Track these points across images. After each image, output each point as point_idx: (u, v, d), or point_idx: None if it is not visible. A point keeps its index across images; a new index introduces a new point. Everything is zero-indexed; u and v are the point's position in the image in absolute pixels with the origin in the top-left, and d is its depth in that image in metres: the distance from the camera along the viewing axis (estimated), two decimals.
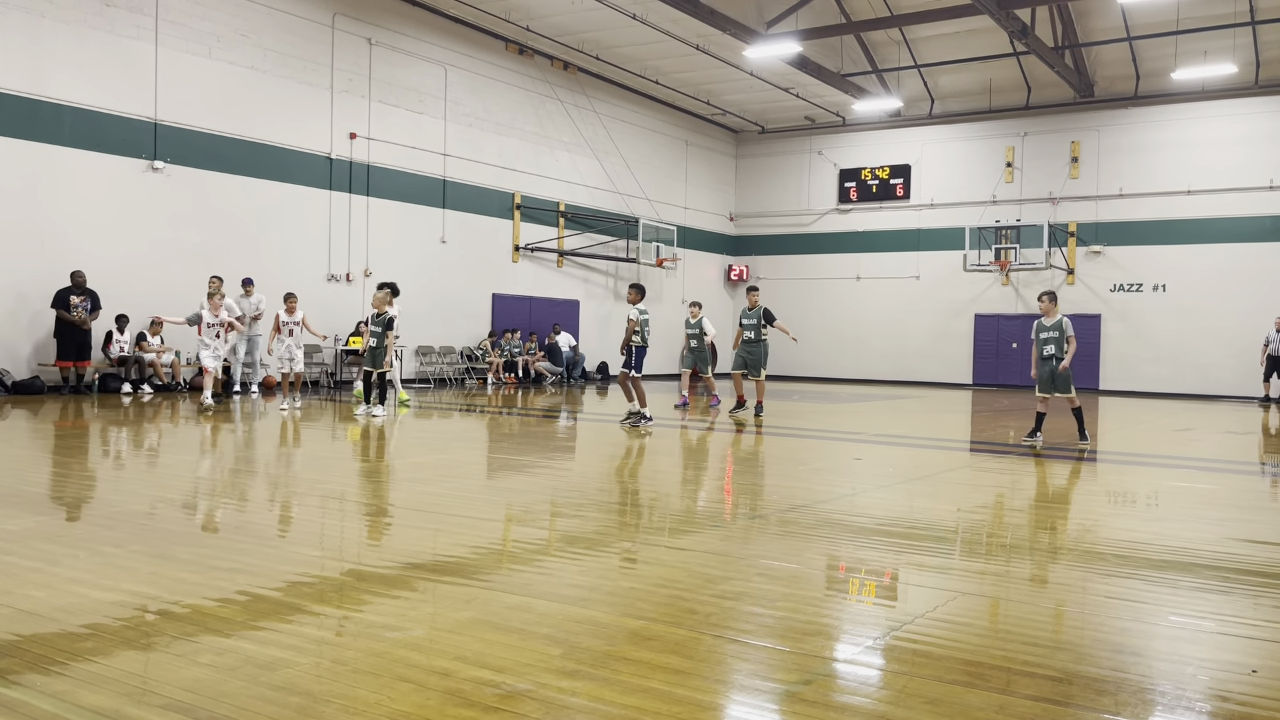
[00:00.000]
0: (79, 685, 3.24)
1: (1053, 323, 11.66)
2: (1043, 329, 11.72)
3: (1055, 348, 11.55)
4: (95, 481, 8.02)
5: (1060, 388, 11.61)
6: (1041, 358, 11.68)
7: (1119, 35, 24.63)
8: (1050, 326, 11.66)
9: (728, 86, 27.27)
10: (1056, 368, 11.49)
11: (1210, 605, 4.72)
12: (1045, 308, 11.78)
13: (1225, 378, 24.52)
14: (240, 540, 5.59)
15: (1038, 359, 11.73)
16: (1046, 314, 11.76)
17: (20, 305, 15.44)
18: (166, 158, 17.04)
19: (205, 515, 6.53)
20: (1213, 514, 7.45)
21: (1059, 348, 11.54)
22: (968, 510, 7.32)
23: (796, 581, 4.99)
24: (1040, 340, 11.71)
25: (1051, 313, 11.72)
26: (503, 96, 23.53)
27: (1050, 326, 11.66)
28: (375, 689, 3.25)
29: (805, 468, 9.93)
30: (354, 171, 20.24)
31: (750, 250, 32.09)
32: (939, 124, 28.75)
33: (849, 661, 3.78)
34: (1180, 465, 10.90)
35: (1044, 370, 11.66)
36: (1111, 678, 3.56)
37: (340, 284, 19.86)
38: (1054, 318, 11.68)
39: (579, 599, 4.50)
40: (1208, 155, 25.15)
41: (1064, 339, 11.54)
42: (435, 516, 6.67)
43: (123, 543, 5.37)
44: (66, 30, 15.69)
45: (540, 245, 24.77)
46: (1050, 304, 11.76)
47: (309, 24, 19.21)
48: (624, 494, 7.96)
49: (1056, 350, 11.54)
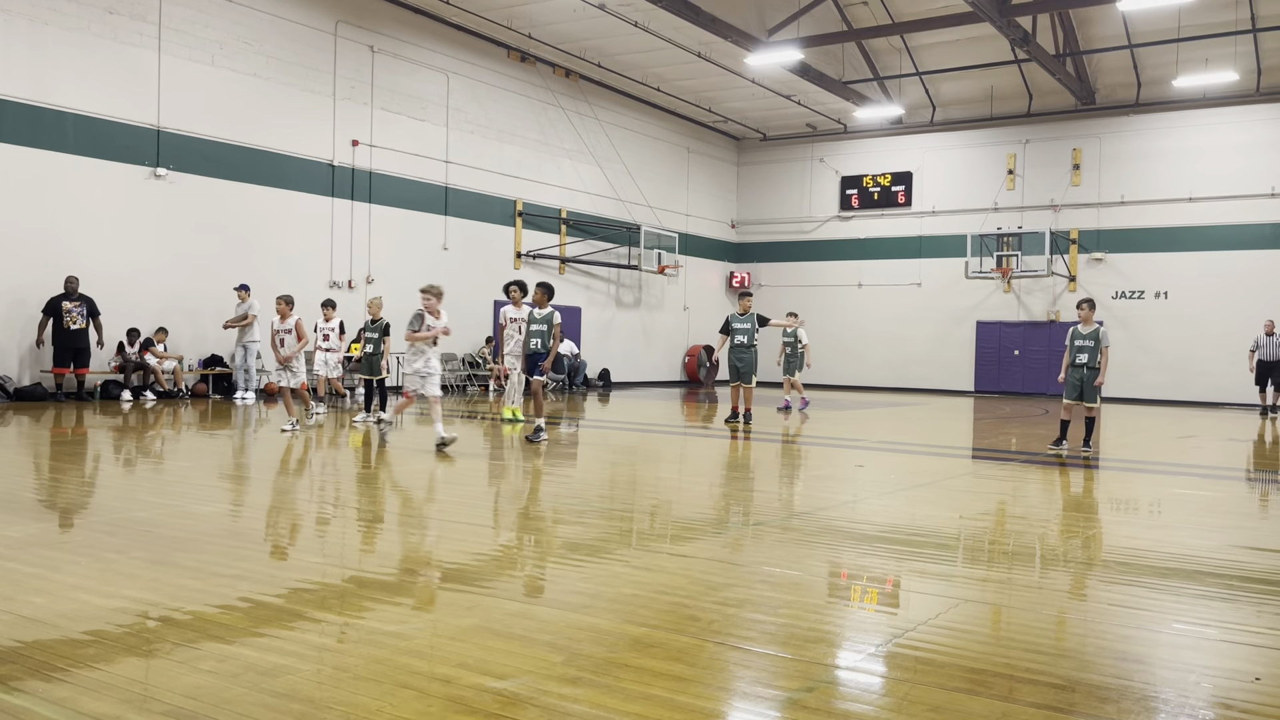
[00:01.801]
0: (81, 692, 3.24)
1: (1089, 331, 11.47)
2: (1078, 336, 11.53)
3: (1089, 357, 11.38)
4: (96, 488, 8.02)
5: (1087, 398, 11.45)
6: (1073, 365, 11.49)
7: (1120, 43, 24.67)
8: (1087, 335, 11.47)
9: (729, 94, 27.32)
10: (1088, 377, 11.34)
11: (1213, 612, 4.70)
12: (1084, 315, 11.58)
13: (1227, 385, 24.49)
14: (242, 547, 5.59)
15: (1069, 365, 11.55)
16: (1084, 322, 11.57)
17: (22, 311, 15.45)
18: (169, 165, 17.07)
19: (207, 522, 6.52)
20: (1215, 521, 7.44)
21: (1093, 357, 11.37)
22: (970, 517, 7.31)
23: (798, 588, 4.98)
24: (1074, 348, 11.52)
25: (1089, 321, 11.53)
26: (505, 104, 23.57)
27: (1087, 335, 11.47)
28: (377, 696, 3.25)
29: (807, 474, 9.92)
30: (356, 178, 20.27)
31: (752, 257, 32.11)
32: (940, 131, 28.79)
33: (851, 669, 3.77)
34: (1183, 472, 10.88)
35: (1074, 378, 11.49)
36: (1115, 685, 3.55)
37: (342, 291, 19.86)
38: (1091, 326, 11.50)
39: (580, 606, 4.49)
40: (1209, 162, 25.17)
41: (1099, 349, 11.37)
42: (436, 523, 6.66)
43: (124, 549, 5.37)
44: (70, 38, 15.73)
45: (542, 252, 24.79)
46: (1089, 311, 11.56)
47: (312, 31, 19.26)
48: (625, 500, 7.95)
49: (1090, 359, 11.37)
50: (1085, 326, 11.51)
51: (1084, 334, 11.48)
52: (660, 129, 28.83)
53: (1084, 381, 11.38)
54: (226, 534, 6.13)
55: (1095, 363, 11.33)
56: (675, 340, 30.19)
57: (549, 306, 12.00)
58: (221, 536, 5.95)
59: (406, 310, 20.15)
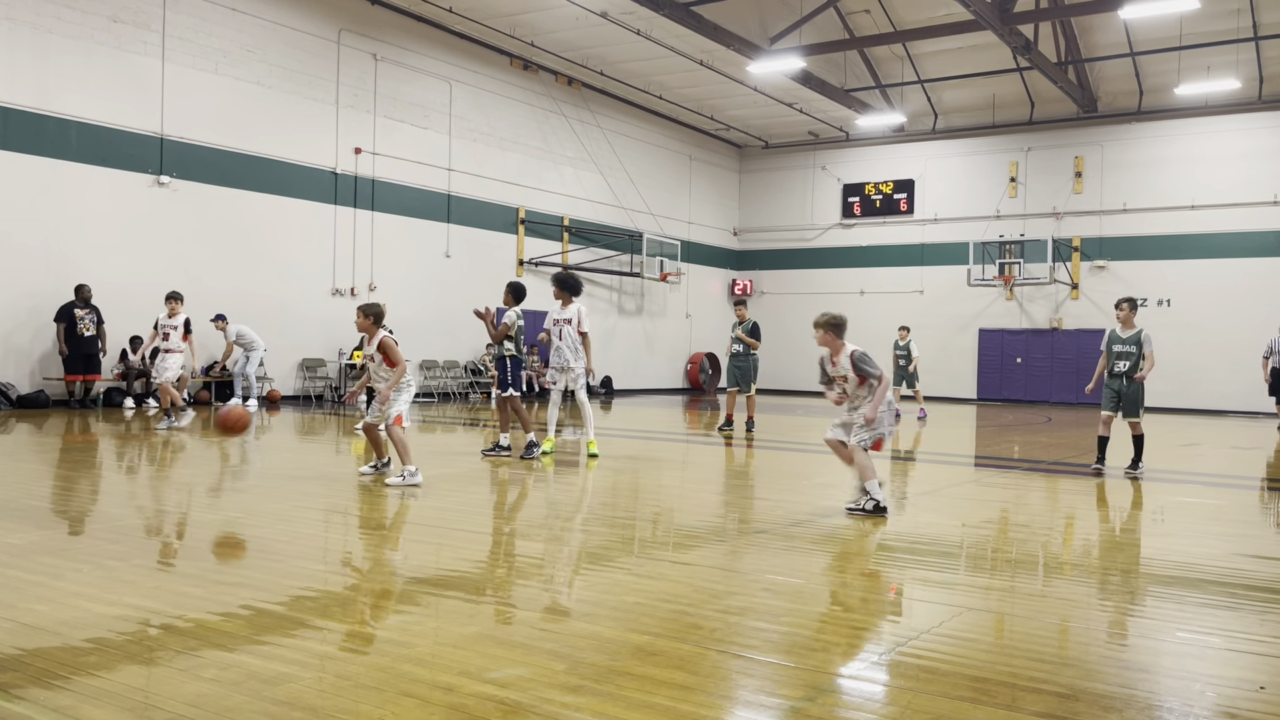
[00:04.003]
0: (82, 700, 3.23)
1: (1130, 335, 10.07)
2: (1117, 340, 10.15)
3: (1130, 364, 10.00)
4: (99, 495, 8.02)
5: (1128, 410, 10.04)
6: (1111, 374, 10.13)
7: (1122, 51, 24.70)
8: (1127, 339, 10.07)
9: (732, 102, 27.38)
10: (1129, 388, 9.99)
11: (1217, 621, 4.69)
12: (1124, 316, 10.15)
13: (1230, 393, 24.46)
14: (243, 554, 5.58)
15: (1104, 373, 10.21)
16: (1124, 324, 10.15)
17: (26, 319, 15.48)
18: (172, 172, 17.11)
19: (208, 529, 6.52)
20: (1219, 529, 7.42)
21: (1135, 364, 9.98)
22: (973, 525, 7.29)
23: (801, 597, 4.97)
24: (1113, 353, 10.12)
25: (1130, 323, 10.13)
26: (507, 112, 23.62)
27: (1127, 339, 10.07)
28: (379, 704, 3.24)
29: (808, 482, 9.91)
30: (359, 186, 20.30)
31: (754, 265, 32.13)
32: (942, 139, 28.82)
33: (854, 677, 3.76)
34: (1186, 480, 10.85)
35: (1112, 387, 10.13)
36: (1118, 694, 3.54)
37: (345, 298, 19.88)
38: (1132, 329, 10.10)
39: (583, 614, 4.49)
40: (1211, 170, 25.18)
41: (1141, 355, 9.98)
42: (439, 531, 6.65)
43: (126, 556, 5.37)
44: (74, 46, 15.78)
45: (544, 260, 24.81)
46: (1130, 312, 10.15)
47: (315, 40, 19.32)
48: (628, 508, 7.94)
49: (1131, 367, 9.98)
50: (1125, 329, 10.13)
51: (1123, 338, 10.10)
52: (662, 137, 28.88)
53: (1123, 392, 10.03)
54: (228, 541, 6.12)
55: (1137, 370, 9.98)
56: (677, 348, 30.19)
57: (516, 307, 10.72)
58: (223, 544, 5.94)
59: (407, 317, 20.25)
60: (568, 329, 10.74)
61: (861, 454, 7.40)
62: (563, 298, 10.83)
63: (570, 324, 10.74)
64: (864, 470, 7.40)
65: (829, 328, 7.47)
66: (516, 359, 10.82)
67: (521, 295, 10.79)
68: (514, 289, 10.80)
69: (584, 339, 10.76)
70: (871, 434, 7.43)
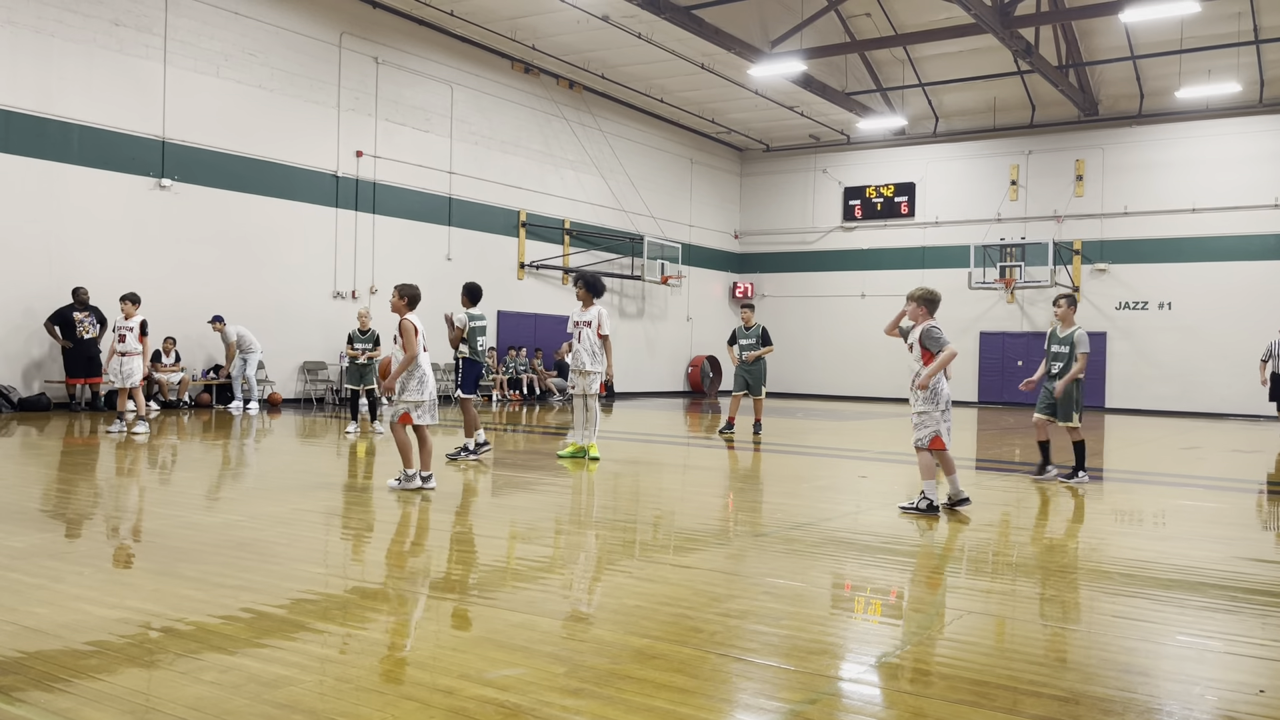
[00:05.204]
0: (83, 703, 3.24)
1: (1065, 334, 9.61)
2: (1054, 340, 9.69)
3: (1063, 365, 9.55)
4: (100, 498, 8.02)
5: (1061, 414, 9.59)
6: (1048, 375, 9.68)
7: (1123, 54, 24.71)
8: (1063, 339, 9.61)
9: (733, 105, 27.39)
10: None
11: (1218, 625, 4.69)
12: (1062, 314, 9.65)
13: (1231, 396, 24.44)
14: (244, 557, 5.58)
15: (1043, 375, 9.77)
16: (1063, 322, 9.67)
17: (28, 322, 15.49)
18: (174, 176, 17.13)
19: (209, 532, 6.52)
20: (1220, 533, 7.42)
21: (1067, 366, 9.51)
22: (973, 529, 7.29)
23: (801, 600, 4.97)
24: (1050, 353, 9.69)
25: (1068, 321, 9.66)
26: (508, 115, 23.64)
27: (1063, 339, 9.61)
28: (379, 707, 3.25)
29: (809, 485, 9.91)
30: (360, 189, 20.32)
31: (755, 268, 32.14)
32: (943, 142, 28.83)
33: (854, 680, 3.77)
34: (1187, 484, 10.85)
35: (1046, 389, 9.67)
36: (1119, 697, 3.54)
37: (346, 301, 19.90)
38: (1069, 328, 9.63)
39: (583, 617, 4.49)
40: (1212, 173, 25.18)
41: (1074, 357, 9.46)
42: (438, 534, 6.66)
43: (127, 559, 5.37)
44: (76, 49, 15.80)
45: (545, 263, 24.82)
46: (1067, 309, 9.63)
47: (316, 43, 19.34)
48: (629, 511, 7.94)
49: (1063, 369, 9.54)
50: (1064, 328, 9.65)
51: (1060, 337, 9.62)
52: (663, 140, 28.90)
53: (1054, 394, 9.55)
54: (229, 544, 6.13)
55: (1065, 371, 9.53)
56: (678, 351, 30.19)
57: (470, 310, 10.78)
58: (224, 547, 5.95)
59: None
60: (587, 331, 10.64)
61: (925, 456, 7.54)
62: (585, 299, 10.72)
63: (590, 326, 10.62)
64: (924, 469, 7.56)
65: (923, 302, 7.57)
66: (470, 361, 10.76)
67: (477, 296, 10.79)
68: (469, 290, 10.90)
69: (604, 342, 10.68)
70: (926, 432, 7.50)
